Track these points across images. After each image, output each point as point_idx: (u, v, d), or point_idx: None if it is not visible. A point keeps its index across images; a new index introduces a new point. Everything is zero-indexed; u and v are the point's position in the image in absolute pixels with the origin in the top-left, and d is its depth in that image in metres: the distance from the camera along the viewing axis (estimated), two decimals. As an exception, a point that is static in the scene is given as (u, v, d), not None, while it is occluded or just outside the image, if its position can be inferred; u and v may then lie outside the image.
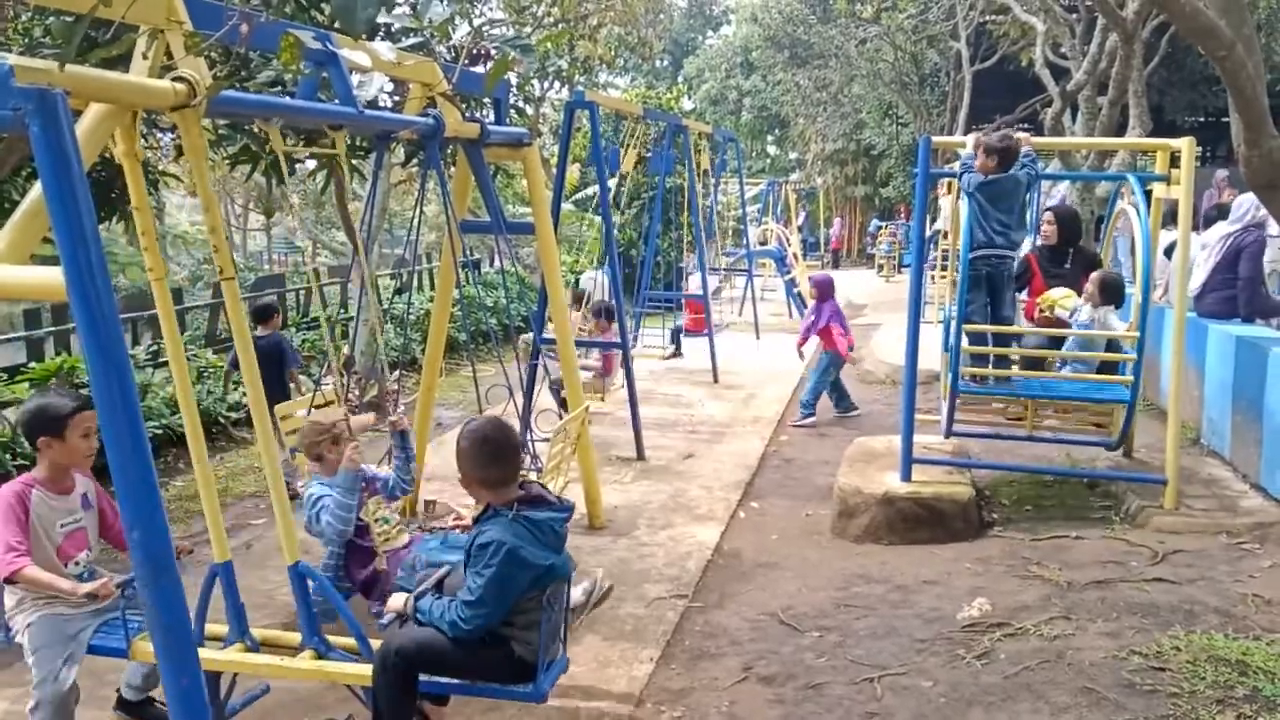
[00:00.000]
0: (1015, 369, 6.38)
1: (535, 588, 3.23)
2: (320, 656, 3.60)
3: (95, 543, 3.96)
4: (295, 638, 3.70)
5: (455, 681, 3.44)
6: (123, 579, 3.61)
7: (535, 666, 3.28)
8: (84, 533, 3.87)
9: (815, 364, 9.64)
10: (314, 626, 3.62)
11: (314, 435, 4.23)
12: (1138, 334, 5.79)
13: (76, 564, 3.78)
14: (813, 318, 9.52)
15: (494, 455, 3.28)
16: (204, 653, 3.47)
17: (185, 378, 3.53)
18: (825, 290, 9.67)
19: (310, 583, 3.64)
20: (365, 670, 3.38)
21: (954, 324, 6.06)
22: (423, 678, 3.35)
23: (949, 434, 6.41)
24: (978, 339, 6.22)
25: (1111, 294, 6.16)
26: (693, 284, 13.92)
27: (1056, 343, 6.38)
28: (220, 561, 3.59)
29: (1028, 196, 6.34)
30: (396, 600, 3.40)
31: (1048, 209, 7.37)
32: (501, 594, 3.17)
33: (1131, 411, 5.98)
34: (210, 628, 3.70)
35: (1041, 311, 6.44)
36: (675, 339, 12.27)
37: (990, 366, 6.32)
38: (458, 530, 4.36)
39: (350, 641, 3.61)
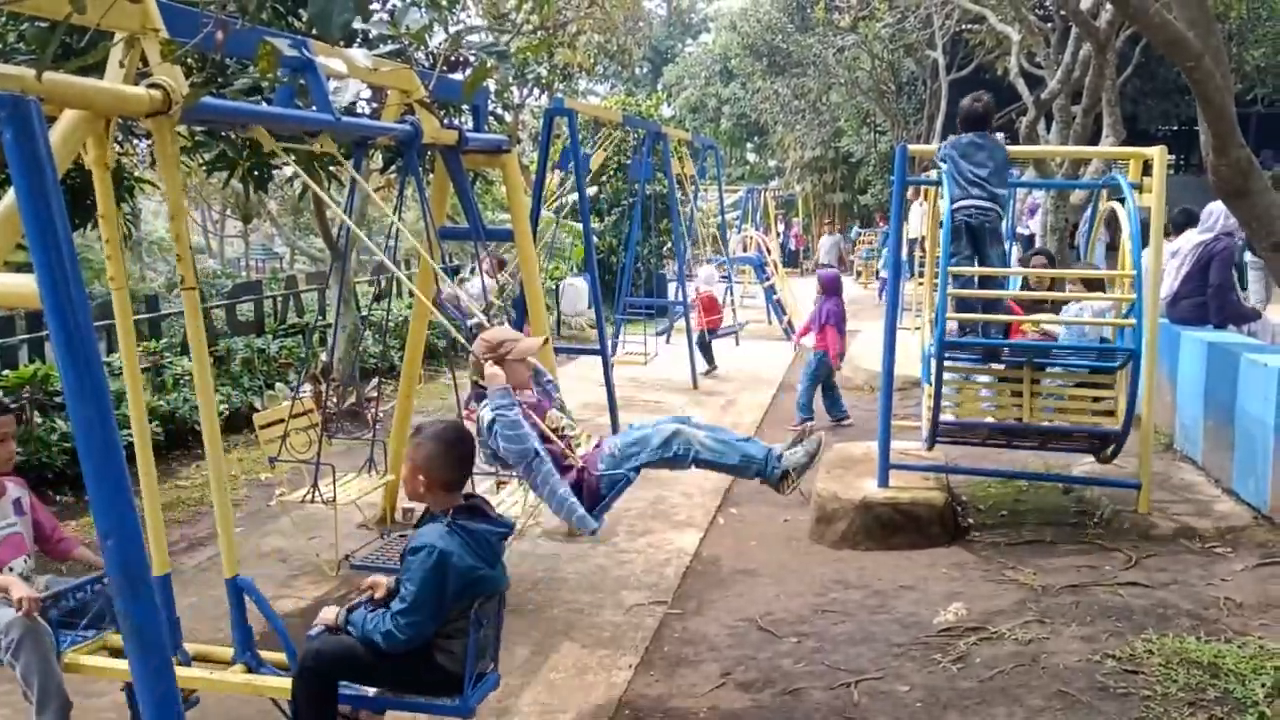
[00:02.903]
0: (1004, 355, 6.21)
1: (465, 597, 3.18)
2: (250, 670, 3.58)
3: (32, 549, 3.96)
4: (229, 653, 3.68)
5: (380, 694, 3.36)
6: (52, 592, 3.62)
7: (460, 679, 3.22)
8: (19, 538, 3.90)
9: (805, 364, 9.61)
10: (247, 641, 3.60)
11: (482, 352, 3.94)
12: (1134, 296, 5.57)
13: (12, 569, 3.79)
14: (816, 313, 9.48)
15: (462, 456, 3.30)
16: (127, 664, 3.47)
17: (137, 383, 3.60)
18: (828, 286, 9.55)
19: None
20: (288, 684, 3.33)
21: (934, 335, 6.04)
22: (349, 690, 3.30)
23: (932, 443, 6.31)
24: (964, 289, 5.98)
25: (1093, 287, 6.21)
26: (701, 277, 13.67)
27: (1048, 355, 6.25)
28: (158, 574, 3.54)
29: (1005, 162, 6.17)
30: (328, 613, 3.33)
31: (1039, 252, 7.29)
32: (434, 600, 3.12)
33: (1136, 379, 5.57)
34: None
35: (1026, 334, 6.41)
36: (707, 352, 12.20)
37: (980, 318, 6.01)
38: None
39: (282, 657, 3.59)
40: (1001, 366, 6.11)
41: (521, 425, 3.65)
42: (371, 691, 3.35)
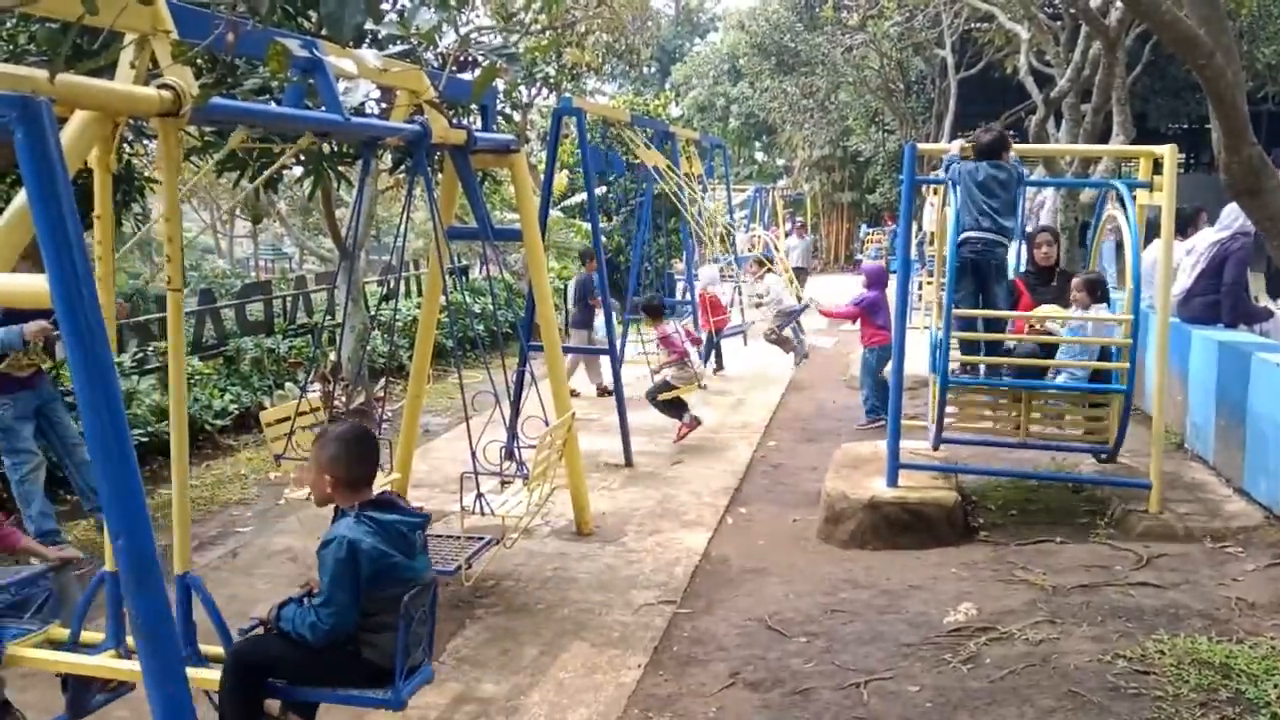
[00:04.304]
0: (1004, 375, 6.34)
1: (383, 586, 3.24)
2: (190, 664, 3.61)
3: None
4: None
5: (314, 690, 3.38)
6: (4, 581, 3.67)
7: (388, 672, 3.26)
8: None
9: (861, 365, 9.55)
10: (190, 637, 3.63)
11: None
12: (1131, 316, 5.74)
13: None
14: (854, 301, 9.47)
15: (363, 455, 3.41)
16: (71, 657, 3.53)
17: (182, 386, 3.55)
18: (872, 279, 9.48)
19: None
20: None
21: (940, 332, 6.09)
22: (282, 686, 3.34)
23: (938, 444, 6.35)
24: (967, 327, 6.17)
25: (1098, 293, 6.20)
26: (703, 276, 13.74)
27: (1048, 353, 6.34)
28: (109, 570, 3.60)
29: (1017, 191, 6.26)
30: (261, 609, 3.41)
31: (1045, 229, 7.29)
32: (349, 588, 3.20)
33: (1128, 407, 5.87)
34: (86, 634, 3.72)
35: (1032, 327, 6.42)
36: (716, 353, 12.21)
37: (982, 361, 6.21)
38: None
39: (221, 651, 3.62)
40: (1002, 389, 6.36)
41: None
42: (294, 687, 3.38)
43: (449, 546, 5.30)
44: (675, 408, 8.80)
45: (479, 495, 5.08)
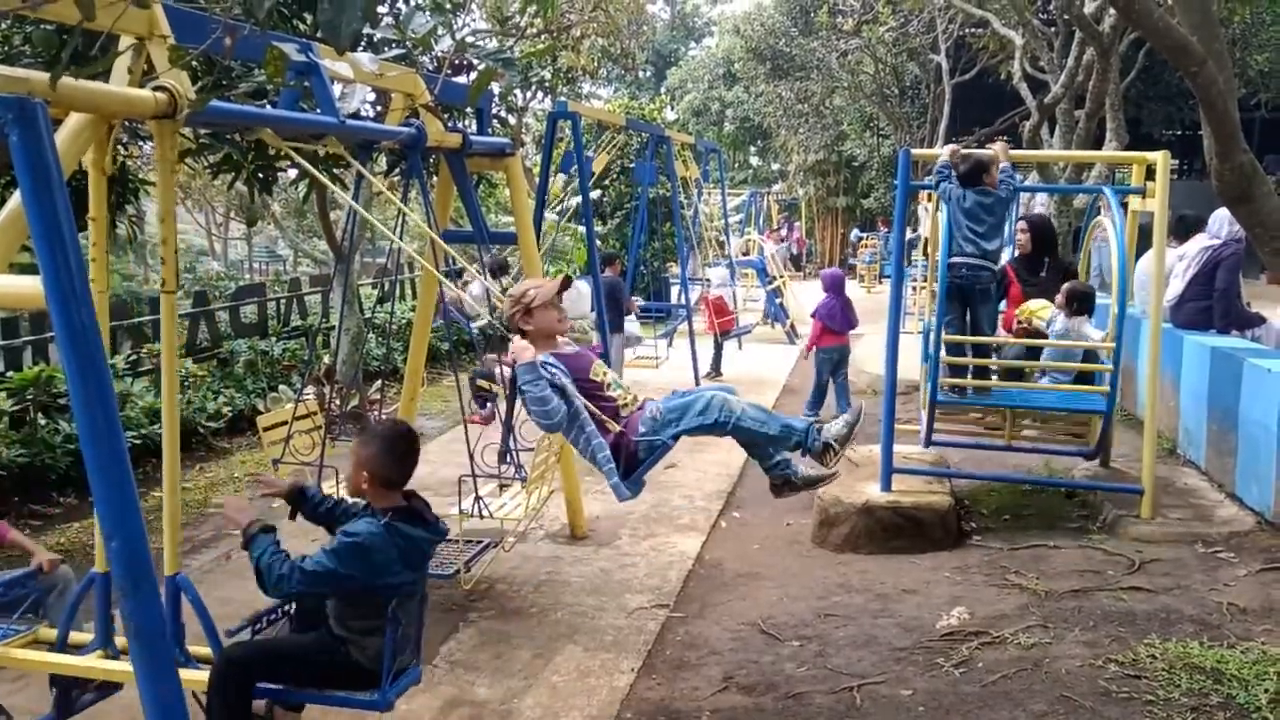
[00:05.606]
0: (994, 380, 6.44)
1: (383, 595, 3.23)
2: (179, 665, 3.59)
3: None
4: None
5: (301, 691, 3.38)
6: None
7: (376, 674, 3.25)
8: None
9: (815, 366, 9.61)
10: (178, 638, 3.60)
11: (509, 309, 3.90)
12: (1114, 344, 5.88)
13: None
14: (814, 313, 9.54)
15: (405, 454, 3.38)
16: (58, 657, 3.51)
17: (174, 387, 3.54)
18: (826, 284, 9.57)
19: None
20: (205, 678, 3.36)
21: (933, 334, 6.14)
22: (270, 688, 3.33)
23: (928, 444, 6.47)
24: (955, 351, 6.29)
25: (1082, 304, 6.23)
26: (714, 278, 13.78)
27: (1034, 353, 6.46)
28: (99, 571, 3.57)
29: (1006, 210, 6.35)
30: (240, 512, 3.40)
31: (1021, 218, 7.41)
32: (333, 584, 3.18)
33: (1109, 420, 6.10)
34: (74, 635, 3.69)
35: (1020, 323, 6.52)
36: (718, 356, 12.26)
37: (969, 377, 6.35)
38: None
39: (208, 652, 3.60)
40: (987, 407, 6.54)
41: (549, 400, 3.60)
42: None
43: (447, 550, 5.29)
44: (481, 397, 8.96)
45: (477, 499, 5.08)
